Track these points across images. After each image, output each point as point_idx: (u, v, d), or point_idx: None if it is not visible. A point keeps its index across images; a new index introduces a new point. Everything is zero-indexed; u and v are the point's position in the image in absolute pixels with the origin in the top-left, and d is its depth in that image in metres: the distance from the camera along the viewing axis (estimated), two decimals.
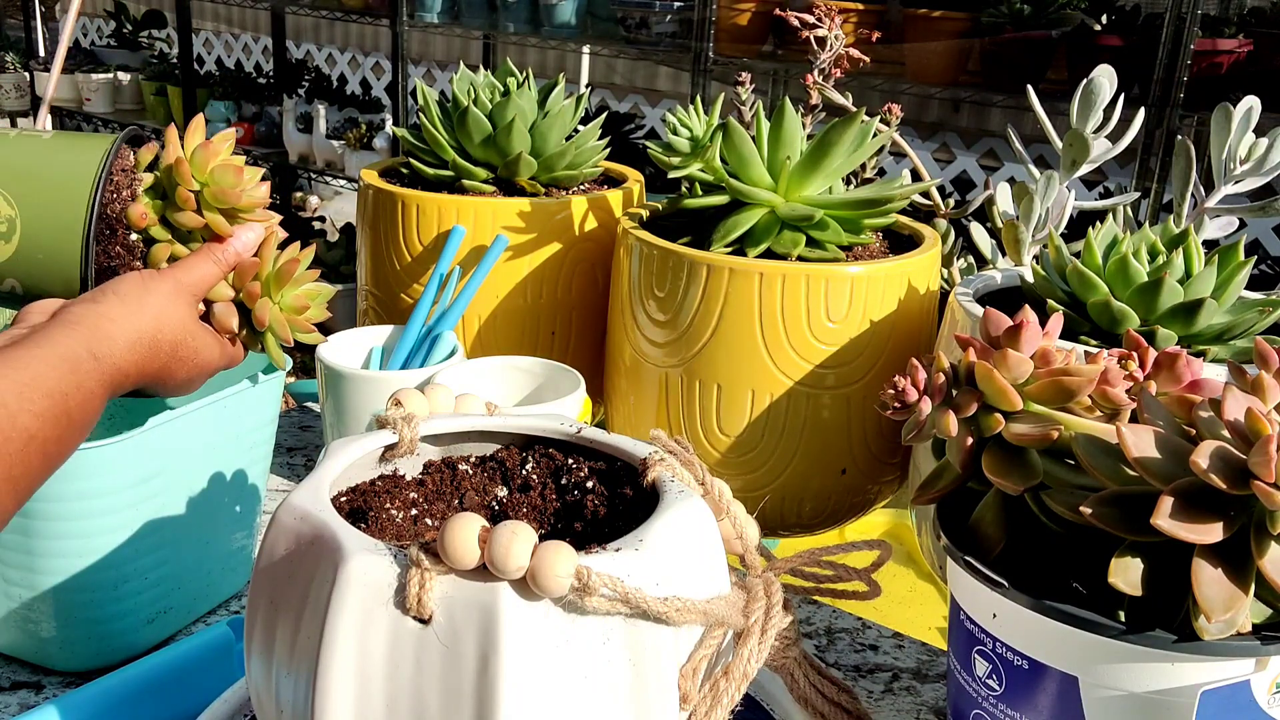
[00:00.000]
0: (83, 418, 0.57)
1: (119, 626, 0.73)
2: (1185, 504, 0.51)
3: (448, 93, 1.08)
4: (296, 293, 0.71)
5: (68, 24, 4.00)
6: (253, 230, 0.69)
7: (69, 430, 0.56)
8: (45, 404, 0.54)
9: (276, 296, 0.70)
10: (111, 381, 0.59)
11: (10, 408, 0.52)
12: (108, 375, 0.59)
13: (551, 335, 1.03)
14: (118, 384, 0.60)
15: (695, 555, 0.51)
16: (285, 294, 0.71)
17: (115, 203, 0.67)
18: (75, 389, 0.56)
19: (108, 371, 0.59)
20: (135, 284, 0.63)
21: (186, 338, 0.65)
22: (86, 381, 0.57)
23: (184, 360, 0.65)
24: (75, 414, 0.56)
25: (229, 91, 4.44)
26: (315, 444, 1.09)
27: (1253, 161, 0.89)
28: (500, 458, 0.60)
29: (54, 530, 0.68)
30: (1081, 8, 2.55)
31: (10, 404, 0.53)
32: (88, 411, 0.57)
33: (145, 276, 0.64)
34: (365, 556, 0.46)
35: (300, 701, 0.48)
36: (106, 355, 0.59)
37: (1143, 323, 0.77)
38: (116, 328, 0.60)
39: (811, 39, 0.99)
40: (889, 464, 0.93)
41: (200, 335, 0.66)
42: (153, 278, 0.65)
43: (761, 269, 0.85)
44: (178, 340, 0.64)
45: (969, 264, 1.05)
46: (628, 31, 3.05)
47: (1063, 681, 0.56)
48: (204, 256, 0.67)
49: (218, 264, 0.68)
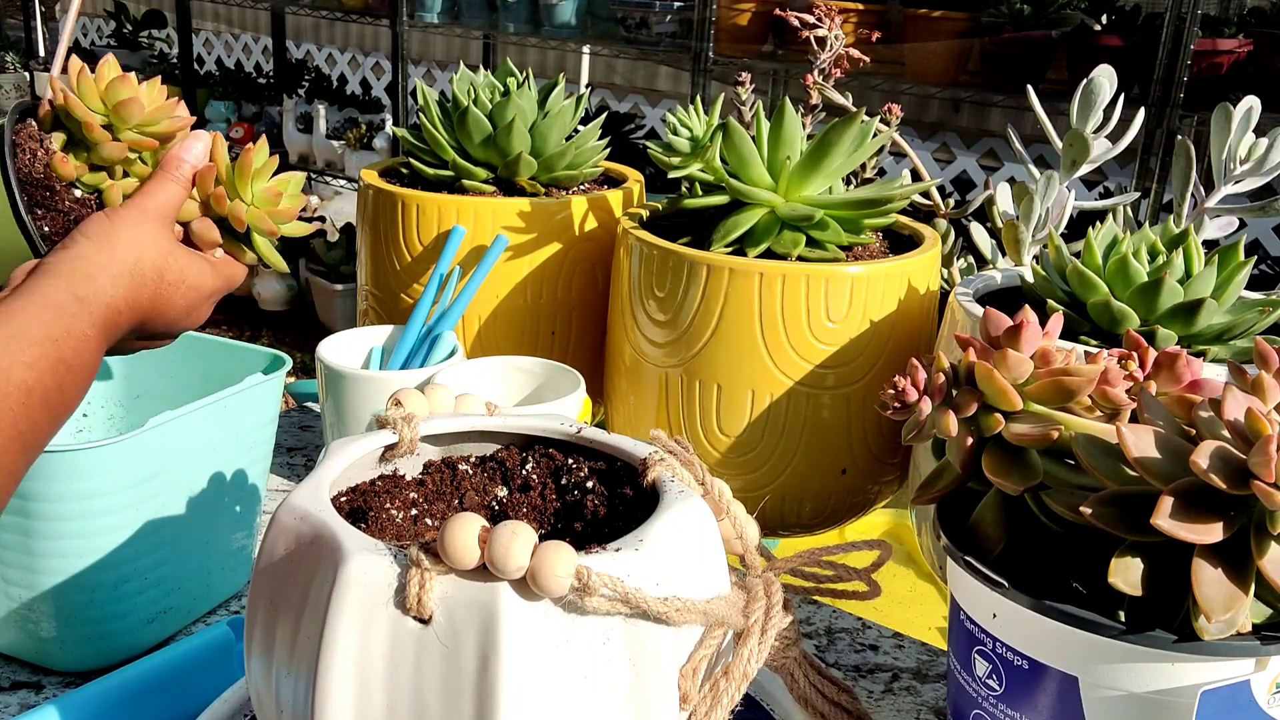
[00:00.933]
0: (79, 362, 0.56)
1: (119, 627, 0.73)
2: (1185, 504, 0.51)
3: (448, 93, 1.08)
4: (265, 185, 0.69)
5: (68, 24, 4.00)
6: (199, 139, 0.68)
7: (68, 377, 0.55)
8: (36, 352, 0.53)
9: (246, 195, 0.69)
10: (104, 321, 0.58)
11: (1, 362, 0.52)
12: (98, 315, 0.58)
13: (551, 335, 1.03)
14: (110, 322, 0.59)
15: (695, 555, 0.51)
16: (254, 189, 0.69)
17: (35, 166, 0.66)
18: (65, 334, 0.55)
19: (97, 311, 0.58)
20: (101, 221, 0.62)
21: (169, 260, 0.63)
22: (76, 325, 0.56)
23: (173, 285, 0.63)
24: (70, 359, 0.55)
25: (229, 91, 4.44)
26: (315, 444, 1.09)
27: (1253, 161, 0.89)
28: (500, 458, 0.60)
29: (54, 530, 0.68)
30: (1081, 8, 2.56)
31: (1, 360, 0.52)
32: (83, 355, 0.56)
33: (109, 212, 0.63)
34: (365, 556, 0.46)
35: (300, 701, 0.48)
36: (91, 295, 0.58)
37: (1143, 323, 0.77)
38: (93, 265, 0.59)
39: (811, 39, 0.99)
40: (889, 464, 0.93)
41: (183, 257, 0.65)
42: (116, 211, 0.63)
43: (761, 269, 0.85)
44: (161, 265, 0.63)
45: (969, 264, 1.05)
46: (628, 31, 3.05)
47: (1063, 681, 0.56)
48: (160, 178, 0.66)
49: (176, 181, 0.66)
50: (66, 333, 0.55)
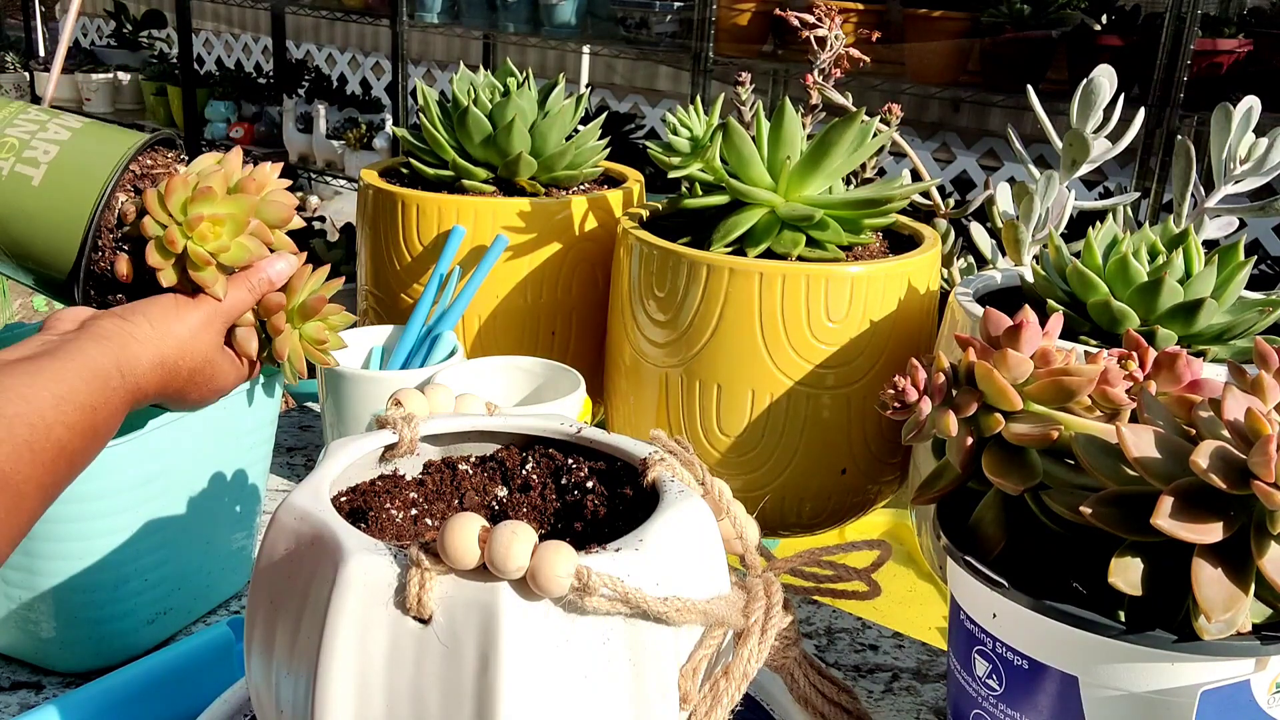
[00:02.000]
0: (106, 430, 0.59)
1: (119, 627, 0.73)
2: (1185, 504, 0.51)
3: (448, 93, 1.08)
4: (317, 324, 0.71)
5: (68, 24, 4.00)
6: (285, 260, 0.69)
7: (94, 442, 0.58)
8: (77, 417, 0.56)
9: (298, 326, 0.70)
10: (132, 399, 0.61)
11: (48, 419, 0.54)
12: (130, 393, 0.60)
13: (551, 335, 1.03)
14: (137, 401, 0.62)
15: (695, 555, 0.51)
16: (307, 326, 0.71)
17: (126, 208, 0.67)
18: (103, 404, 0.58)
19: (130, 389, 0.60)
20: (168, 308, 0.64)
21: (206, 366, 0.66)
22: (113, 398, 0.59)
23: (199, 384, 0.66)
24: (101, 427, 0.58)
25: (229, 91, 4.44)
26: (315, 444, 1.09)
27: (1253, 161, 0.89)
28: (500, 458, 0.60)
29: (54, 532, 0.68)
30: (1081, 8, 2.56)
31: (48, 415, 0.54)
32: (111, 425, 0.59)
33: (179, 303, 0.65)
34: (365, 556, 0.46)
35: (300, 701, 0.48)
36: (131, 374, 0.60)
37: (1143, 323, 0.77)
38: (143, 349, 0.62)
39: (811, 39, 0.99)
40: (889, 464, 0.93)
41: (219, 361, 0.67)
42: (185, 305, 0.65)
43: (761, 269, 0.85)
44: (196, 367, 0.65)
45: (969, 264, 1.05)
46: (628, 31, 3.06)
47: (1063, 681, 0.56)
48: (239, 284, 0.68)
49: (251, 291, 0.68)
50: (104, 403, 0.58)
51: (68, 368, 0.57)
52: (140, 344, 0.62)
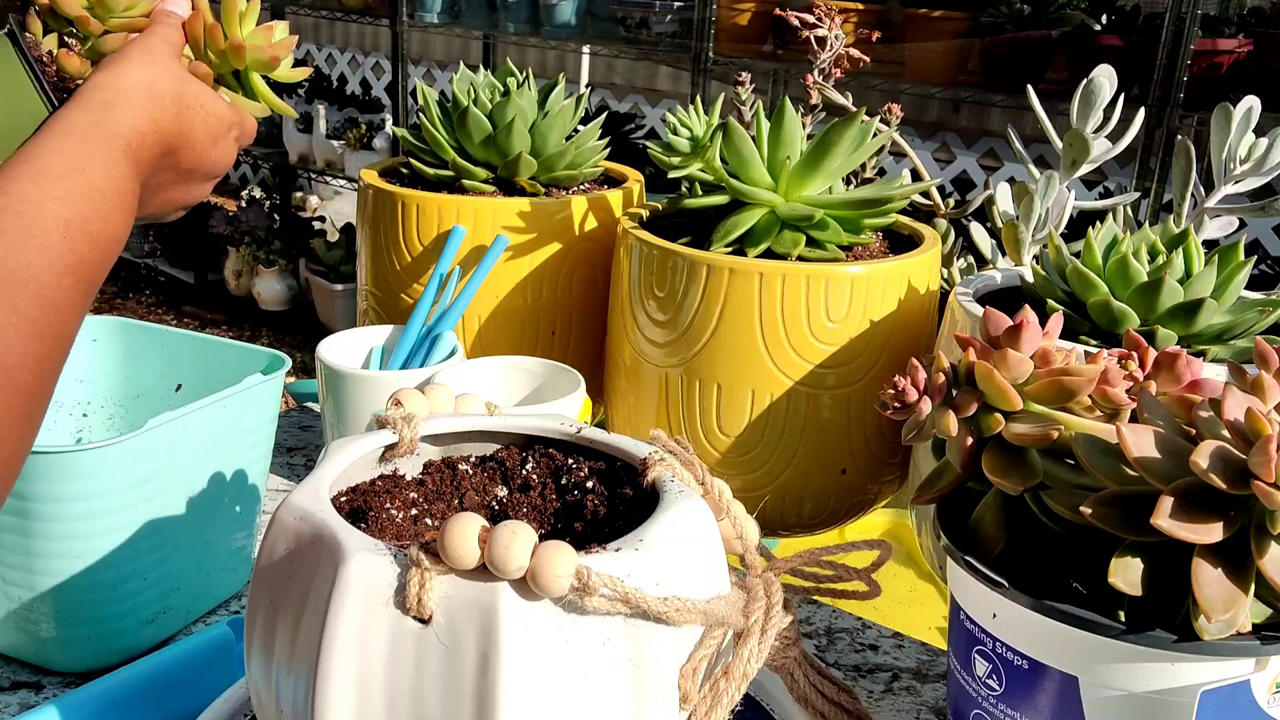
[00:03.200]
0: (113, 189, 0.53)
1: (118, 627, 0.73)
2: (1185, 504, 0.51)
3: (448, 93, 1.08)
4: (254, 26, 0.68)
5: None
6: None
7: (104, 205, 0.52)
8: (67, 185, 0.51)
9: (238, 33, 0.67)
10: (128, 145, 0.55)
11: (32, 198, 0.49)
12: (120, 139, 0.55)
13: (551, 335, 1.03)
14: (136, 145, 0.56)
15: (695, 555, 0.51)
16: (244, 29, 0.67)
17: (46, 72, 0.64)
18: (90, 160, 0.52)
19: (120, 134, 0.55)
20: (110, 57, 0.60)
21: (186, 85, 0.61)
22: (99, 151, 0.53)
23: (194, 109, 0.61)
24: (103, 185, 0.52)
25: None
26: (315, 444, 1.09)
27: (1253, 161, 0.89)
28: (500, 458, 0.60)
29: (53, 531, 0.68)
30: (1081, 8, 2.56)
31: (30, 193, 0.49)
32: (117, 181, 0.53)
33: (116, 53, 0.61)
34: (365, 556, 0.46)
35: (300, 701, 0.48)
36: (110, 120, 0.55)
37: (1143, 323, 0.77)
38: (109, 92, 0.57)
39: (811, 39, 0.98)
40: (889, 464, 0.93)
41: (198, 83, 0.62)
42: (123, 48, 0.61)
43: (761, 269, 0.85)
44: (179, 90, 0.60)
45: (969, 264, 1.05)
46: (628, 31, 3.06)
47: (1063, 681, 0.56)
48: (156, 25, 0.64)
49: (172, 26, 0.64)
50: (91, 159, 0.52)
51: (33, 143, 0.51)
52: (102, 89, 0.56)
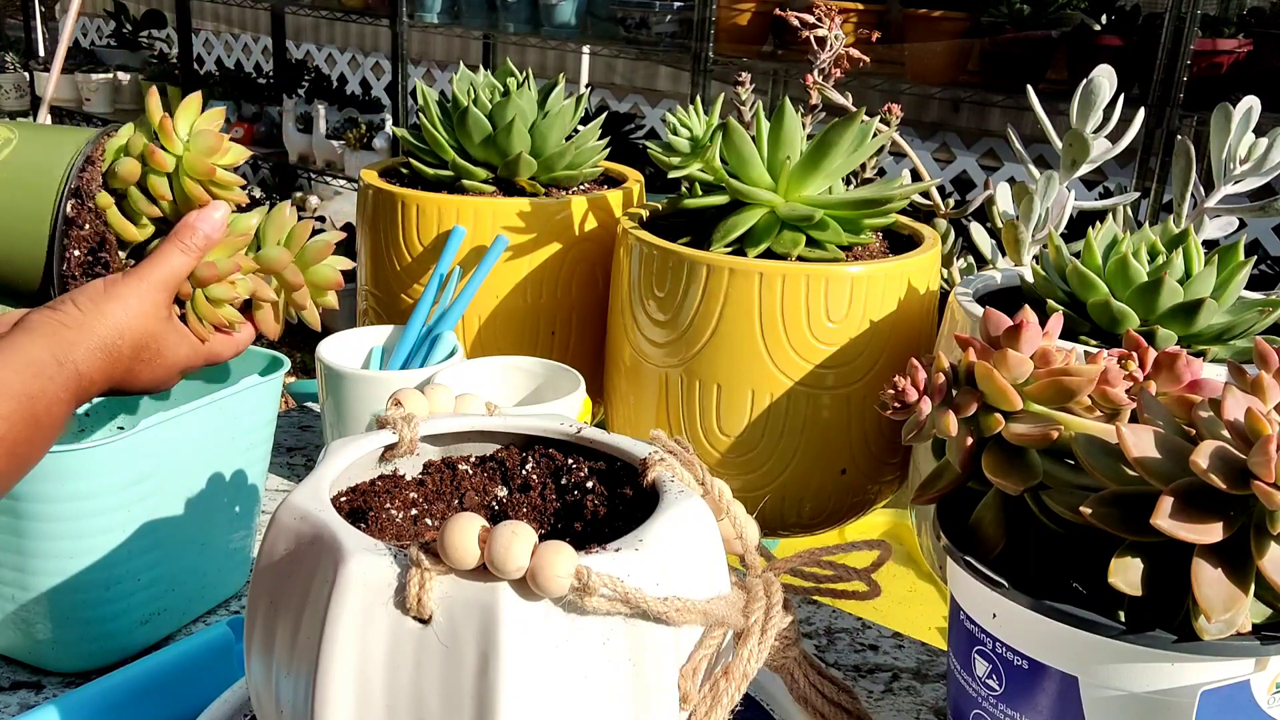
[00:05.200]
0: (49, 421, 0.58)
1: (113, 627, 0.72)
2: (1185, 504, 0.51)
3: (448, 93, 1.08)
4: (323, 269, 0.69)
5: (68, 24, 4.00)
6: (218, 209, 0.67)
7: (37, 433, 0.57)
8: (12, 406, 0.56)
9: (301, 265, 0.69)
10: (76, 388, 0.60)
11: None
12: (72, 382, 0.60)
13: (551, 335, 1.03)
14: (82, 390, 0.61)
15: (695, 555, 0.51)
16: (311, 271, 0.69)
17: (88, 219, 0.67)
18: (40, 393, 0.58)
19: (71, 376, 0.60)
20: (97, 290, 0.64)
21: (149, 340, 0.64)
22: (50, 386, 0.58)
23: (146, 361, 0.65)
24: (42, 417, 0.58)
25: (229, 91, 4.44)
26: (315, 444, 1.09)
27: (1253, 161, 0.89)
28: (500, 458, 0.60)
29: (46, 531, 0.68)
30: (1081, 8, 2.56)
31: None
32: (54, 416, 0.59)
33: (109, 282, 0.64)
34: (365, 556, 0.46)
35: (300, 701, 0.48)
36: (68, 361, 0.60)
37: (1143, 323, 0.77)
38: (77, 334, 0.61)
39: (811, 39, 0.98)
40: (889, 464, 0.93)
41: (165, 336, 0.65)
42: (115, 283, 0.64)
43: (761, 269, 0.85)
44: (139, 343, 0.64)
45: (969, 264, 1.05)
46: (628, 31, 3.06)
47: (1063, 681, 0.56)
48: (170, 247, 0.66)
49: (186, 252, 0.66)
50: (41, 392, 0.58)
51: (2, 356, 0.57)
52: (73, 329, 0.61)
